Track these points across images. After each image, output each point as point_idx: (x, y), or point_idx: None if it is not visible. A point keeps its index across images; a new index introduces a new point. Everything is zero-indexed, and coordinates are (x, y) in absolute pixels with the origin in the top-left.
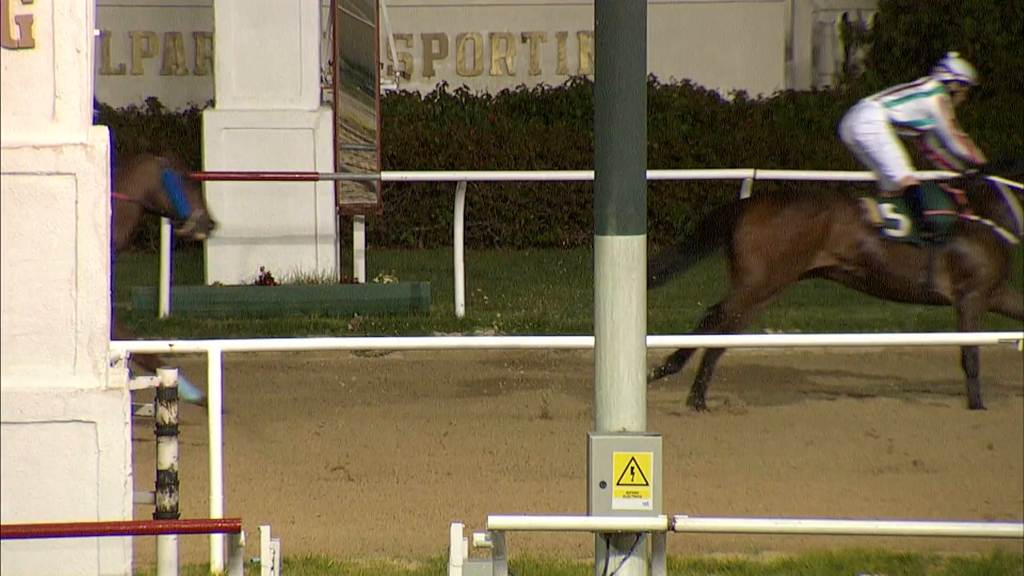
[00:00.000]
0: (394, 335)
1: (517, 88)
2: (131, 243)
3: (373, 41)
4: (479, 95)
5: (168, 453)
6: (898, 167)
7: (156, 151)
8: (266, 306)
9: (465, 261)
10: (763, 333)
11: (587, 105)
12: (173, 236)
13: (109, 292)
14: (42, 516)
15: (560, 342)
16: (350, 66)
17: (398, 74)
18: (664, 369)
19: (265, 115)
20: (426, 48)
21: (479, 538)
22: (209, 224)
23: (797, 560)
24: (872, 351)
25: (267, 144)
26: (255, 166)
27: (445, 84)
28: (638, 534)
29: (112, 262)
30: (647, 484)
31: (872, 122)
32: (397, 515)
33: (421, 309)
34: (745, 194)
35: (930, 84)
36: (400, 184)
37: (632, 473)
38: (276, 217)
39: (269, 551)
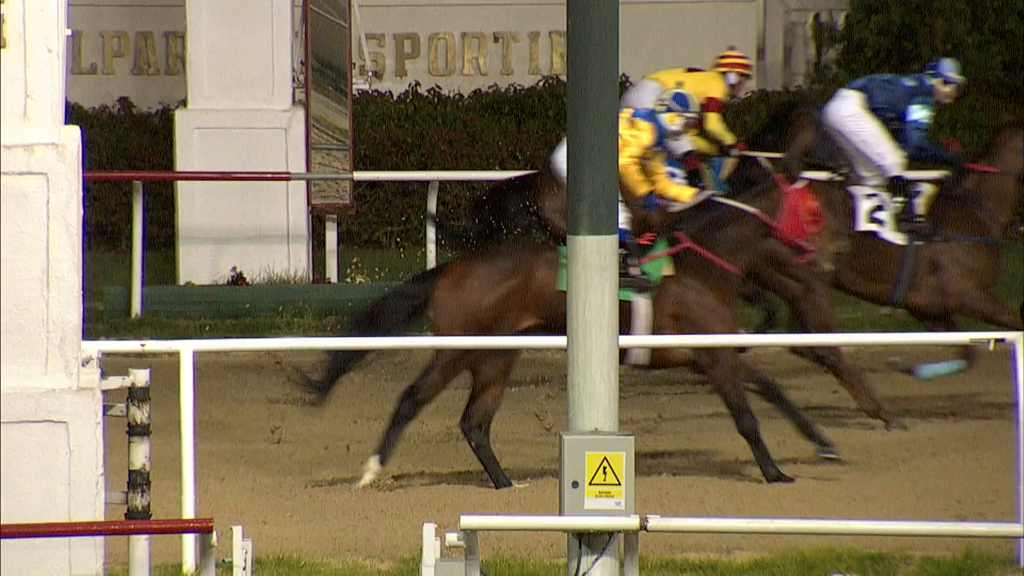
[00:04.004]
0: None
1: (489, 88)
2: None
3: (345, 41)
4: (451, 95)
5: (140, 453)
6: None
7: (1020, 124)
8: (238, 306)
9: (437, 261)
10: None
11: (559, 105)
12: (145, 236)
13: (81, 292)
14: (13, 516)
15: (532, 342)
16: (322, 66)
17: (370, 74)
18: None
19: (237, 115)
20: (398, 48)
21: (451, 538)
22: None
23: (769, 560)
24: (843, 351)
25: (239, 144)
26: (227, 166)
27: (417, 84)
28: (610, 534)
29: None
30: (619, 484)
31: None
32: (369, 515)
33: None
34: None
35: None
36: (372, 184)
37: (604, 473)
38: (248, 217)
39: (241, 551)
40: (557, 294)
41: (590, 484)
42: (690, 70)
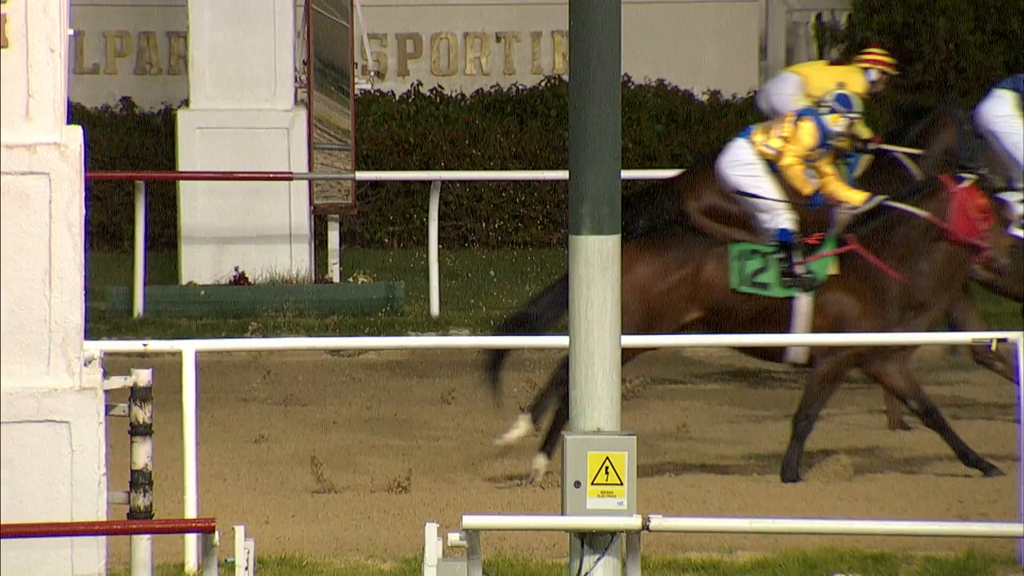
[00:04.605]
0: (368, 335)
1: (491, 88)
2: None
3: (347, 41)
4: (453, 95)
5: (142, 453)
6: None
7: None
8: (240, 306)
9: (440, 261)
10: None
11: (561, 105)
12: (147, 235)
13: (83, 292)
14: (15, 516)
15: (535, 342)
16: (324, 66)
17: (372, 74)
18: None
19: (239, 115)
20: (400, 48)
21: (454, 538)
22: None
23: (771, 560)
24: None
25: (241, 144)
26: (229, 166)
27: (419, 84)
28: (612, 534)
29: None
30: (621, 483)
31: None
32: (372, 515)
33: (396, 309)
34: None
35: None
36: (375, 184)
37: (606, 472)
38: (250, 217)
39: (243, 551)
40: (724, 288)
41: (592, 484)
42: (832, 63)
